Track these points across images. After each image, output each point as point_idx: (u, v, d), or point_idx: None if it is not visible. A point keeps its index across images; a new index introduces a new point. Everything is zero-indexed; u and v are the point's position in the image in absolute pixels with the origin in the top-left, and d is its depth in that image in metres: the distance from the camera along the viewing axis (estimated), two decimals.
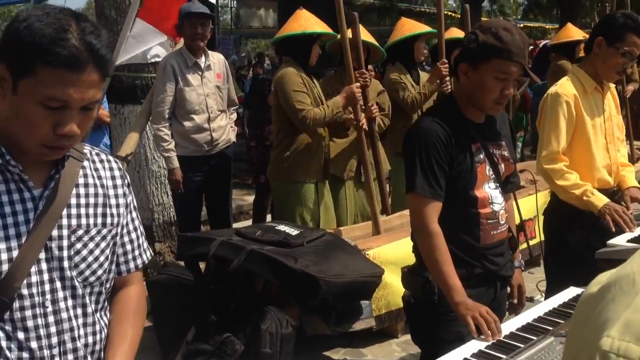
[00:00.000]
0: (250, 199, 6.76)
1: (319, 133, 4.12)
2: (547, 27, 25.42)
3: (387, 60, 4.96)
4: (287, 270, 3.11)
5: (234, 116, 4.76)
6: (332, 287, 3.09)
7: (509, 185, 2.38)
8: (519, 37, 2.10)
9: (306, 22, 4.12)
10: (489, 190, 2.23)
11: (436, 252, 2.11)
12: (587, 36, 3.60)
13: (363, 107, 4.20)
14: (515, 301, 2.42)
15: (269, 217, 5.82)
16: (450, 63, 4.28)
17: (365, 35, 4.42)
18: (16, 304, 1.33)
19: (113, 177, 1.51)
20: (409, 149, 2.19)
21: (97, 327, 1.47)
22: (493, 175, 2.24)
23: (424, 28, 5.01)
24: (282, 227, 3.57)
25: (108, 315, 1.53)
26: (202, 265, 3.61)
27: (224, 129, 4.49)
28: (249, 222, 6.34)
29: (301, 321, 3.38)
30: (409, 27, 4.94)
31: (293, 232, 3.50)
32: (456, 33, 5.26)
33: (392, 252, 3.78)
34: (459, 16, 17.67)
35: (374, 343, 3.91)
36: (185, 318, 3.39)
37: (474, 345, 1.88)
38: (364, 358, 3.80)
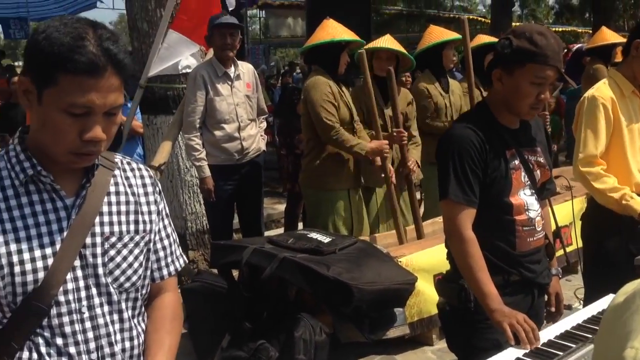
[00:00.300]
0: (281, 207, 6.78)
1: None
2: (580, 30, 25.11)
3: (416, 67, 4.94)
4: (319, 278, 3.11)
5: (264, 125, 4.79)
6: (365, 295, 3.08)
7: (545, 192, 2.34)
8: (553, 40, 2.07)
9: (334, 30, 4.14)
10: (525, 197, 2.19)
11: (470, 259, 2.09)
12: (623, 39, 3.54)
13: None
14: (553, 309, 2.37)
15: (300, 226, 5.82)
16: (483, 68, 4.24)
17: (394, 44, 4.40)
18: (53, 311, 1.36)
19: (144, 185, 1.53)
20: (442, 156, 2.17)
21: (135, 333, 1.48)
22: (528, 182, 2.21)
23: (452, 35, 4.97)
24: (314, 235, 3.57)
25: (145, 320, 1.54)
26: (235, 273, 3.63)
27: (254, 137, 4.51)
28: (279, 231, 6.35)
29: (335, 328, 3.37)
30: (436, 34, 4.92)
31: (325, 239, 3.49)
32: (484, 40, 5.21)
33: (425, 260, 3.75)
34: (489, 21, 17.57)
35: (408, 350, 3.88)
36: (219, 325, 3.41)
37: (511, 353, 1.85)
38: None
